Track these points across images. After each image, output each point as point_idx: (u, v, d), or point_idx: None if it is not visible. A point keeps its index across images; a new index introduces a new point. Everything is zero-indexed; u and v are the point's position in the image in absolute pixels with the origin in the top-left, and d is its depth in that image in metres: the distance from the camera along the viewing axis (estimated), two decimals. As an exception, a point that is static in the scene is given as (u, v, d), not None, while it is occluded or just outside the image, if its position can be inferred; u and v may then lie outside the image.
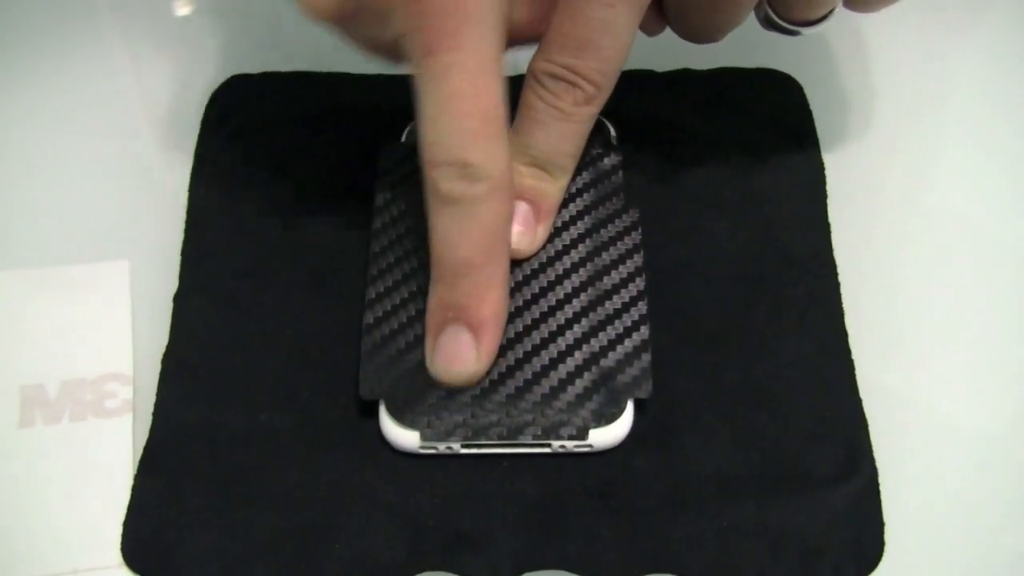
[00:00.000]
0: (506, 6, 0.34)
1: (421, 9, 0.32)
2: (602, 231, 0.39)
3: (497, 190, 0.34)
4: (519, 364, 0.37)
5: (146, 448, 0.37)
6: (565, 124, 0.37)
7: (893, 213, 0.42)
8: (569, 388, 0.36)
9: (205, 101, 0.45)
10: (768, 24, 0.39)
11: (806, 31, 0.38)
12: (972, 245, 0.42)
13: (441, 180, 0.34)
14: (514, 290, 0.38)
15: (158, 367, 0.38)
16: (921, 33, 0.47)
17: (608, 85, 0.36)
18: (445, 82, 0.33)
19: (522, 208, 0.38)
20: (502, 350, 0.37)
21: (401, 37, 0.33)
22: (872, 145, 0.44)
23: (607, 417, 0.36)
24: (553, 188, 0.38)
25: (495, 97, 0.34)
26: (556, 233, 0.39)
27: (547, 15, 0.36)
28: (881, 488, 0.36)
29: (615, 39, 0.35)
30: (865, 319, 0.39)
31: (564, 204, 0.40)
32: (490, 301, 0.35)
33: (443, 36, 0.32)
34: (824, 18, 0.38)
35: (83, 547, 0.35)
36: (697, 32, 0.38)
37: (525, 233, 0.38)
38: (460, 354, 0.36)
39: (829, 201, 0.42)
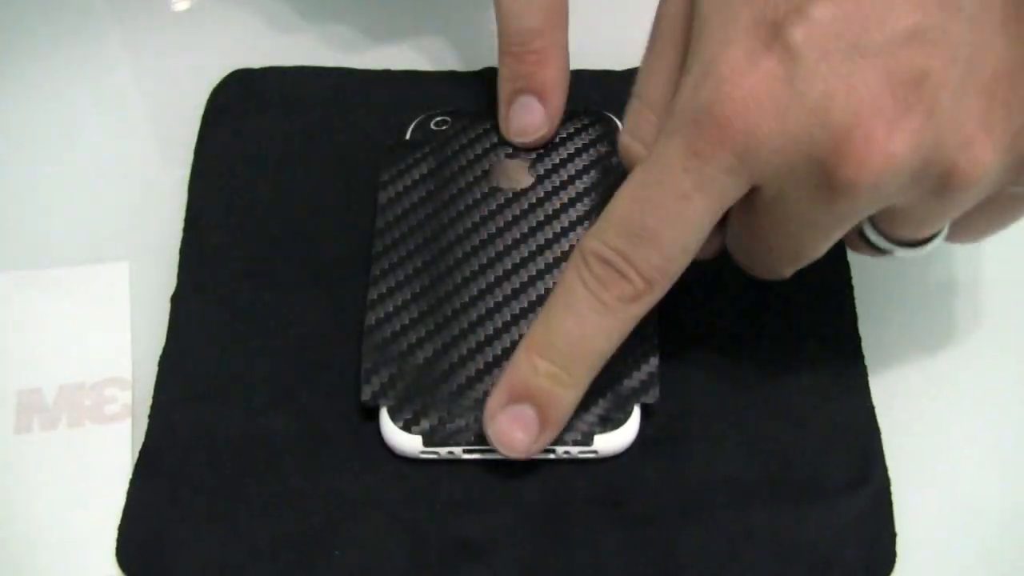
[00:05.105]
0: None
1: None
2: (609, 231, 0.38)
3: None
4: (523, 368, 0.36)
5: (142, 452, 0.36)
6: (603, 318, 0.32)
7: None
8: (574, 393, 0.36)
9: (206, 97, 0.44)
10: (863, 242, 0.34)
11: (906, 253, 0.33)
12: (994, 247, 0.40)
13: None
14: (518, 291, 0.38)
15: (157, 371, 0.38)
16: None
17: (662, 285, 0.32)
18: None
19: (527, 414, 0.34)
20: (504, 353, 0.36)
21: None
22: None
23: (613, 422, 0.35)
24: (569, 396, 0.34)
25: None
26: (561, 234, 0.39)
27: None
28: (893, 497, 0.35)
29: (682, 234, 0.31)
30: (878, 322, 0.38)
31: (571, 204, 0.39)
32: (554, 64, 0.39)
33: None
34: (931, 239, 0.33)
35: (81, 556, 0.35)
36: (761, 265, 0.34)
37: (523, 440, 0.34)
38: (532, 121, 0.40)
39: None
